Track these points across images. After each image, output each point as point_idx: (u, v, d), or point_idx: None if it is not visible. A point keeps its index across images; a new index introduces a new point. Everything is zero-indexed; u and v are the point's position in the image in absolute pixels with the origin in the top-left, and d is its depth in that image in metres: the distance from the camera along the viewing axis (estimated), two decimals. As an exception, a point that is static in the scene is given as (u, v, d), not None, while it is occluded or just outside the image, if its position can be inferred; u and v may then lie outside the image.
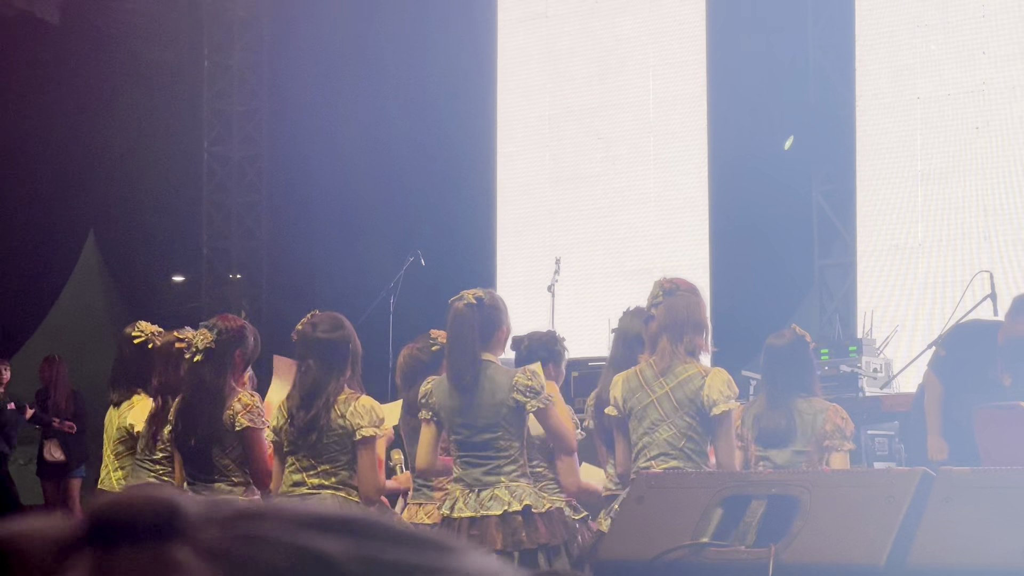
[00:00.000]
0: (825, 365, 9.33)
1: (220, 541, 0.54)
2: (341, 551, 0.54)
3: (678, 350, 5.50)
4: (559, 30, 13.65)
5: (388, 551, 0.55)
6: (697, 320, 5.57)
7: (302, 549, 0.54)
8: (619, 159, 13.17)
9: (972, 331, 7.67)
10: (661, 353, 5.51)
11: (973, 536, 3.86)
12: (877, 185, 11.98)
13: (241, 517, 0.56)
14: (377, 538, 0.56)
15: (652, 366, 5.53)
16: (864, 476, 4.89)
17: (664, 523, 4.42)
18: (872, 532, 4.00)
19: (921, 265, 11.64)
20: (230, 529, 0.55)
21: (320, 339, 5.40)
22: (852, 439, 6.30)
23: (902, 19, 11.87)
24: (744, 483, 4.54)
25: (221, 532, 0.54)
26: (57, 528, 0.56)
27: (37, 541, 0.55)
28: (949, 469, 4.20)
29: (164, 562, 0.53)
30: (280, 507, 0.57)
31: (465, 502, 5.51)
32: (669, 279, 5.65)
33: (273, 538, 0.54)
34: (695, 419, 5.46)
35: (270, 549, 0.54)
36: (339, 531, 0.55)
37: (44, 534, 0.55)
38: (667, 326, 5.51)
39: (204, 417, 5.58)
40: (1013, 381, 7.01)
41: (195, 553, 0.53)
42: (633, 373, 5.58)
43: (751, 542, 4.19)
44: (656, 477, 4.90)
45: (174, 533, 0.54)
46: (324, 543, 0.54)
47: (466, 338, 5.55)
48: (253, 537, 0.54)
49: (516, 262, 13.43)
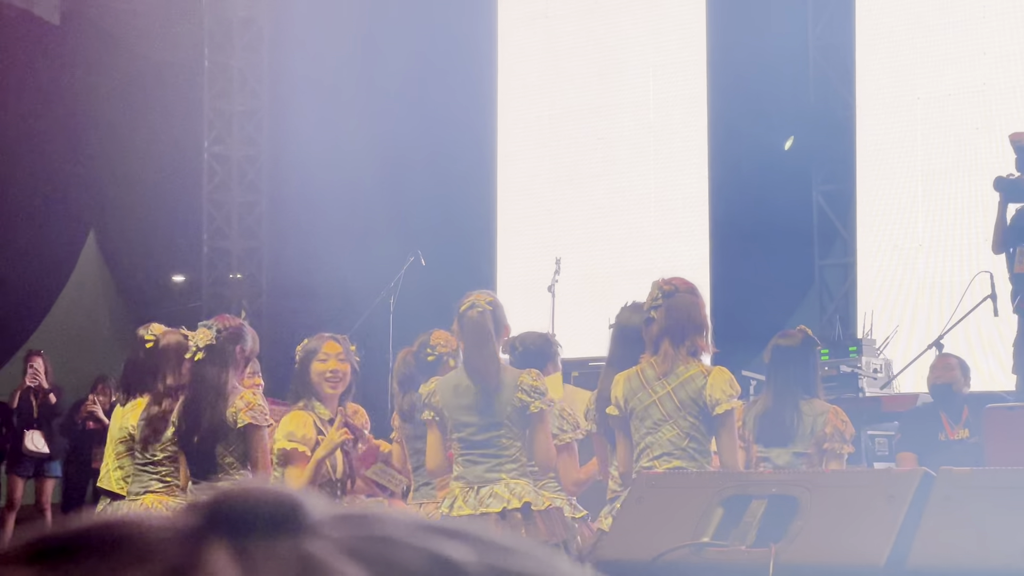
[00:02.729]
0: (825, 365, 9.33)
1: (350, 539, 0.52)
2: (469, 558, 0.53)
3: (680, 352, 5.49)
4: (559, 30, 13.65)
5: (510, 560, 0.55)
6: (698, 321, 5.55)
7: (433, 553, 0.53)
8: (619, 159, 13.17)
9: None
10: (664, 356, 5.49)
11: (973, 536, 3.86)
12: (877, 185, 11.98)
13: (363, 518, 0.54)
14: (495, 547, 0.55)
15: (653, 367, 5.52)
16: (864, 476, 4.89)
17: (664, 523, 4.41)
18: (872, 532, 4.00)
19: (921, 265, 11.64)
20: (357, 528, 0.53)
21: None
22: (852, 442, 6.31)
23: (902, 19, 11.87)
24: (744, 483, 4.53)
25: (348, 530, 0.53)
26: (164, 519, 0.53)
27: (157, 530, 0.52)
28: (949, 469, 4.20)
29: (305, 556, 0.51)
30: (391, 513, 0.55)
31: (465, 500, 5.54)
32: (668, 280, 5.62)
33: (403, 540, 0.53)
34: (698, 419, 5.45)
35: (402, 551, 0.53)
36: (461, 538, 0.54)
37: (159, 523, 0.53)
38: (668, 328, 5.49)
39: (207, 414, 5.59)
40: None
41: (332, 549, 0.52)
42: (634, 373, 5.57)
43: (751, 542, 4.19)
44: (656, 477, 4.90)
45: (304, 527, 0.52)
46: (452, 548, 0.53)
47: (487, 344, 5.58)
48: (383, 538, 0.53)
49: (516, 262, 13.43)
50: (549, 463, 5.60)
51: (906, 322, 11.34)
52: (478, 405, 5.58)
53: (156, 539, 0.52)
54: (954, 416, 7.85)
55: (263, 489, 0.53)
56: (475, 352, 5.62)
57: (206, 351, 5.59)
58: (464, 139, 13.93)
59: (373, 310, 10.53)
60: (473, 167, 13.87)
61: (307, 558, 0.51)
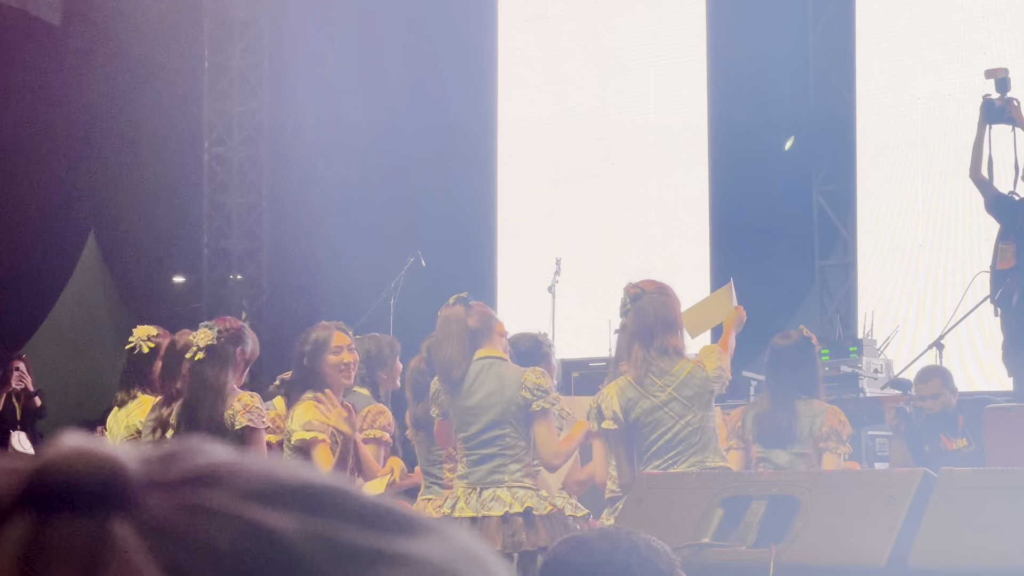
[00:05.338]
0: (826, 366, 9.32)
1: (164, 512, 0.51)
2: (293, 528, 0.50)
3: (650, 355, 5.45)
4: (559, 30, 13.65)
5: (347, 530, 0.51)
6: (667, 319, 5.49)
7: (250, 524, 0.50)
8: (619, 159, 13.17)
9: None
10: (635, 361, 5.46)
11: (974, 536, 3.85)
12: (877, 185, 11.98)
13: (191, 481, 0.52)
14: (337, 513, 0.52)
15: (636, 373, 5.50)
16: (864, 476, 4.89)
17: (664, 523, 4.41)
18: (873, 532, 3.99)
19: (922, 265, 11.64)
20: (177, 495, 0.51)
21: None
22: (849, 442, 6.30)
23: (902, 19, 11.87)
24: (744, 483, 4.53)
25: (167, 500, 0.51)
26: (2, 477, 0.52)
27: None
28: (950, 469, 4.20)
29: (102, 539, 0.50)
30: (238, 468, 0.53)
31: (467, 502, 5.53)
32: (635, 284, 5.60)
33: (221, 509, 0.51)
34: (707, 408, 5.49)
35: (216, 523, 0.50)
36: (295, 503, 0.51)
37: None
38: (635, 332, 5.47)
39: (205, 414, 5.58)
40: None
41: (135, 528, 0.50)
42: (627, 383, 5.51)
43: (751, 542, 4.19)
44: (656, 478, 4.89)
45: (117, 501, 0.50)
46: (276, 518, 0.50)
47: (450, 338, 5.62)
48: (199, 508, 0.51)
49: (516, 262, 13.43)
50: (552, 460, 5.59)
51: (906, 322, 11.34)
52: (469, 404, 5.58)
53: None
54: (951, 431, 7.79)
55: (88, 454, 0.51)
56: (438, 346, 5.68)
57: (206, 351, 5.58)
58: (464, 139, 13.93)
59: (373, 310, 10.53)
60: (473, 167, 13.87)
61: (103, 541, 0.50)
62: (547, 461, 5.59)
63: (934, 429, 7.75)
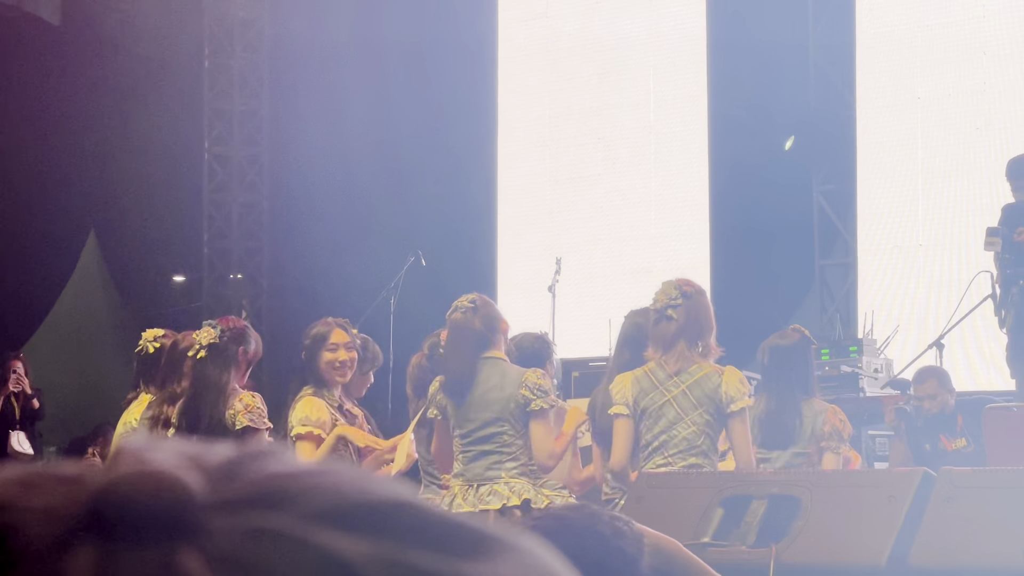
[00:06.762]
0: (826, 365, 9.33)
1: (230, 539, 0.49)
2: (363, 553, 0.49)
3: (693, 353, 5.55)
4: (559, 30, 13.65)
5: (419, 554, 0.50)
6: (710, 323, 5.65)
7: (319, 551, 0.49)
8: (619, 159, 13.17)
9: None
10: (678, 355, 5.54)
11: (974, 536, 3.86)
12: (877, 185, 11.98)
13: (256, 501, 0.50)
14: (408, 535, 0.50)
15: (664, 366, 5.54)
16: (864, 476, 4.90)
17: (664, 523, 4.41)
18: (873, 532, 4.00)
19: (922, 265, 11.64)
20: (243, 519, 0.50)
21: None
22: (849, 441, 6.30)
23: (902, 19, 11.87)
24: (745, 483, 4.54)
25: (232, 524, 0.49)
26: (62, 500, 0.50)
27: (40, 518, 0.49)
28: (950, 469, 4.20)
29: (171, 572, 0.48)
30: (303, 484, 0.51)
31: (464, 499, 5.55)
32: (684, 280, 5.70)
33: (288, 534, 0.49)
34: (713, 416, 5.50)
35: (283, 550, 0.49)
36: (364, 525, 0.50)
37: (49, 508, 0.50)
38: (685, 329, 5.55)
39: (206, 413, 5.57)
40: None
41: (203, 559, 0.48)
42: (643, 374, 5.59)
43: (752, 542, 4.19)
44: (656, 477, 4.90)
45: (184, 529, 0.49)
46: (345, 542, 0.49)
47: (463, 345, 5.61)
48: (266, 533, 0.49)
49: (516, 262, 13.42)
50: (547, 462, 5.60)
51: (906, 322, 11.34)
52: (470, 401, 5.60)
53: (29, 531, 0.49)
54: (950, 431, 7.79)
55: (150, 474, 0.49)
56: (450, 353, 5.68)
57: (208, 350, 5.58)
58: (464, 139, 13.93)
59: (373, 310, 10.53)
60: (473, 167, 13.87)
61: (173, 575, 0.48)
62: (542, 461, 5.60)
63: (933, 429, 7.75)
